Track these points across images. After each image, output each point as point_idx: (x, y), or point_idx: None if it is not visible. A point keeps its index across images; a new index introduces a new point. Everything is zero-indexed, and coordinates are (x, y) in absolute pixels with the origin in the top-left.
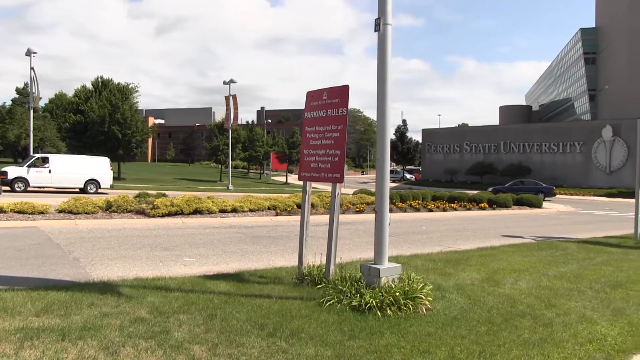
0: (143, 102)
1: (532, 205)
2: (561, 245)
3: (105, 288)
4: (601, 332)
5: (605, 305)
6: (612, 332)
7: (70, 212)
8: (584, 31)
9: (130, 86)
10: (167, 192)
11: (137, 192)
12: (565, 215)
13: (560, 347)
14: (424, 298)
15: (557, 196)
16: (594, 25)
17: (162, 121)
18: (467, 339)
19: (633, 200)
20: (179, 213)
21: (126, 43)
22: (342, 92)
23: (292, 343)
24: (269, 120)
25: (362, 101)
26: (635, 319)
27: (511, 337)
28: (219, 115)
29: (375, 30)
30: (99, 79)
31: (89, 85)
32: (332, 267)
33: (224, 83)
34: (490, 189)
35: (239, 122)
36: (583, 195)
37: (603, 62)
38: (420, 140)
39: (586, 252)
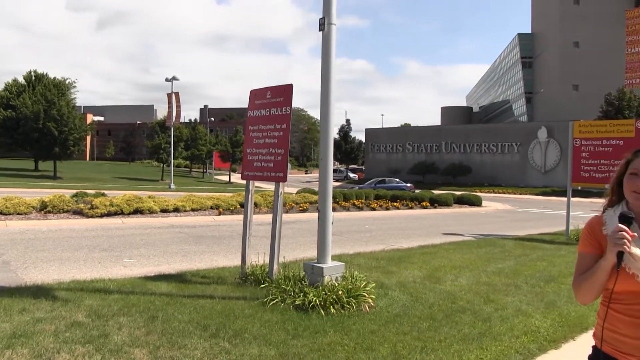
0: (82, 98)
1: (472, 204)
2: (499, 242)
3: (39, 292)
4: (535, 325)
5: (540, 299)
6: (545, 324)
7: (0, 212)
8: (521, 36)
9: (67, 81)
10: (106, 192)
11: (74, 191)
12: (503, 213)
13: (498, 340)
14: (367, 296)
15: (496, 194)
16: (530, 31)
17: (101, 118)
18: (409, 336)
19: (565, 199)
20: (119, 213)
21: (64, 36)
22: (285, 91)
23: (235, 343)
24: (212, 119)
25: (306, 100)
26: (566, 310)
27: (452, 332)
28: (161, 113)
29: (319, 30)
30: (32, 73)
31: (21, 79)
32: (275, 267)
33: (167, 80)
34: (357, 187)
35: (182, 120)
36: (520, 194)
37: (539, 67)
38: (363, 140)
39: (522, 248)
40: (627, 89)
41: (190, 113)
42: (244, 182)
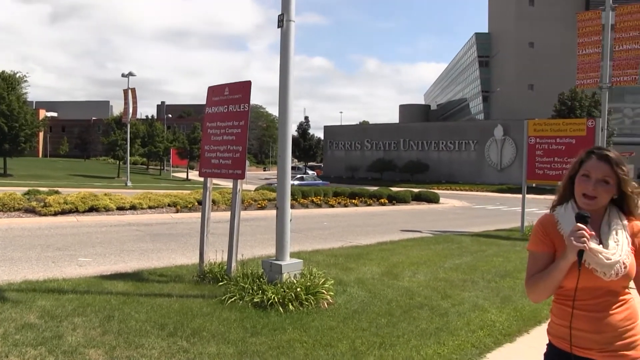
0: (34, 93)
1: (430, 200)
2: (456, 238)
3: None
4: (491, 319)
5: (495, 294)
6: (500, 318)
7: None
8: (478, 36)
9: (17, 75)
10: (60, 189)
11: (26, 189)
12: (461, 210)
13: (455, 335)
14: (326, 293)
15: (453, 192)
16: (487, 31)
17: (55, 114)
18: (367, 332)
19: (520, 196)
20: (74, 211)
21: (14, 29)
22: (244, 88)
23: (193, 342)
24: (170, 115)
25: (265, 97)
26: (520, 305)
27: (410, 327)
28: (117, 109)
29: (278, 27)
30: None
31: None
32: (233, 264)
33: (123, 76)
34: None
35: (138, 116)
36: (476, 191)
37: (495, 66)
38: (322, 137)
39: (479, 244)
40: (579, 89)
41: (147, 109)
42: (202, 179)
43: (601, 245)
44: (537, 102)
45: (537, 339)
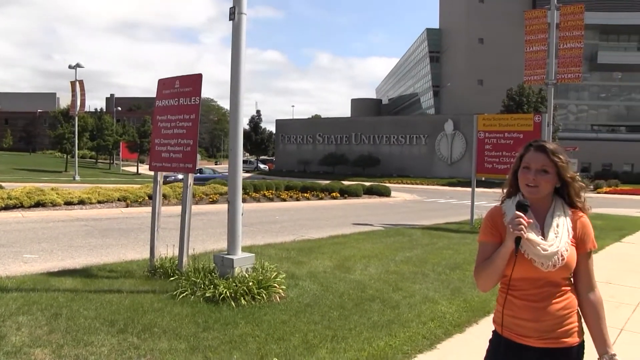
0: None
1: (381, 194)
2: (407, 231)
3: None
4: (441, 311)
5: (446, 286)
6: (450, 309)
7: None
8: (429, 31)
9: None
10: (3, 184)
11: None
12: (412, 203)
13: (406, 327)
14: (278, 287)
15: (404, 185)
16: (438, 27)
17: None
18: (320, 325)
19: (470, 189)
20: (19, 206)
21: None
22: (194, 81)
23: (144, 338)
24: (119, 108)
25: (217, 91)
26: (470, 296)
27: (362, 320)
28: (64, 101)
29: (230, 19)
30: None
31: None
32: (185, 259)
33: (70, 67)
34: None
35: (87, 109)
36: (427, 184)
37: (446, 61)
38: (274, 131)
39: (430, 237)
40: (527, 85)
41: (95, 102)
42: (152, 173)
43: (541, 237)
44: (486, 97)
45: (485, 329)
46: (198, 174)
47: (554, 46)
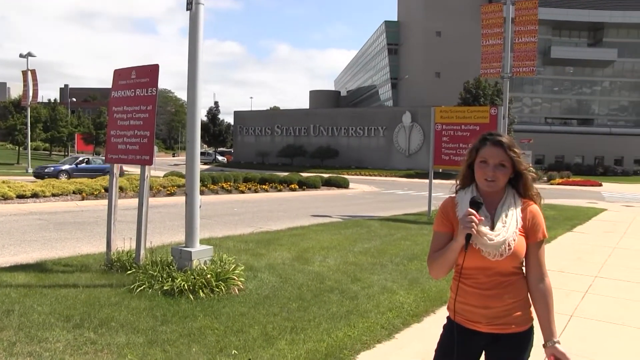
0: None
1: (339, 185)
2: (366, 223)
3: None
4: (399, 301)
5: (404, 277)
6: (408, 299)
7: None
8: (387, 24)
9: None
10: None
11: None
12: (370, 195)
13: (365, 317)
14: (236, 279)
15: (363, 177)
16: (396, 19)
17: None
18: (279, 316)
19: (428, 181)
20: None
21: None
22: (151, 72)
23: (101, 333)
24: (74, 99)
25: (175, 82)
26: (427, 286)
27: (320, 311)
28: (15, 91)
29: (187, 9)
30: None
31: None
32: (142, 252)
33: (21, 56)
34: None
35: (40, 99)
36: (385, 176)
37: (404, 53)
38: (232, 123)
39: (388, 228)
40: (483, 78)
41: (49, 92)
42: (109, 165)
43: (488, 228)
44: (443, 89)
45: (443, 318)
46: (85, 165)
47: (510, 40)
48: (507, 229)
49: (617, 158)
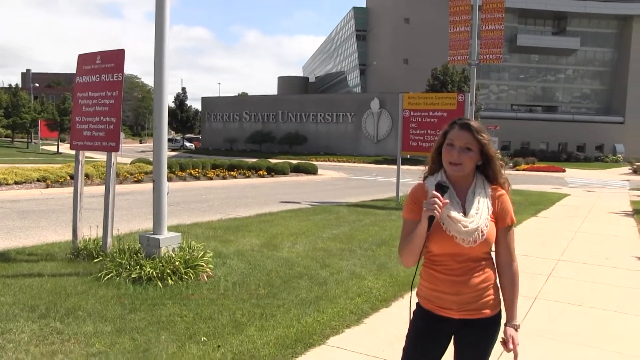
0: None
1: (308, 172)
2: (334, 209)
3: None
4: (368, 286)
5: (372, 262)
6: (377, 285)
7: None
8: (356, 10)
9: None
10: None
11: None
12: (338, 181)
13: (334, 303)
14: (205, 266)
15: (331, 163)
16: (365, 5)
17: None
18: (248, 303)
19: (396, 167)
20: None
21: None
22: (117, 57)
23: (67, 322)
24: (37, 85)
25: (142, 67)
26: (395, 271)
27: (290, 297)
28: None
29: None
30: None
31: None
32: (109, 240)
33: None
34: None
35: (0, 85)
36: (354, 162)
37: (372, 40)
38: (200, 109)
39: (356, 214)
40: (450, 65)
41: (10, 77)
42: (74, 152)
43: (462, 214)
44: (411, 76)
45: (411, 303)
46: None
47: (477, 28)
48: (479, 216)
49: (580, 145)
